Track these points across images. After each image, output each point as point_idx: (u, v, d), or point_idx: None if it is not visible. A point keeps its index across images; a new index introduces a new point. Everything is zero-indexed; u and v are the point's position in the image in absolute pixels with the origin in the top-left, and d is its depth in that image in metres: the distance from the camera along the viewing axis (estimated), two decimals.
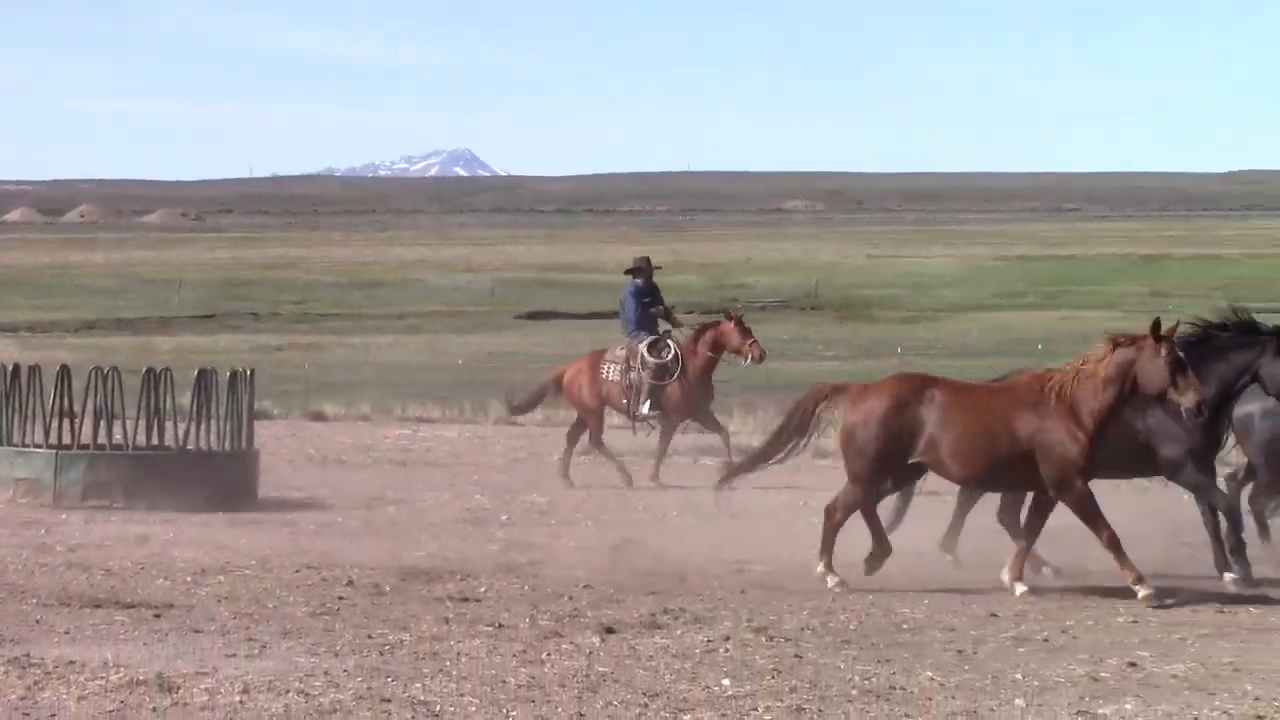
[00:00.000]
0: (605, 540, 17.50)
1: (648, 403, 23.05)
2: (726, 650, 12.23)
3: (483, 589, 14.89)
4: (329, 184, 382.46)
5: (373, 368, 50.34)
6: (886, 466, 15.04)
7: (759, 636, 12.71)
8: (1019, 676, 11.47)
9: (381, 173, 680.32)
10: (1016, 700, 10.84)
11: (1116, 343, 14.59)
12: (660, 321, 23.83)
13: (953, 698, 10.90)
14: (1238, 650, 12.37)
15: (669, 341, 23.31)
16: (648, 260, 24.46)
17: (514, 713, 10.50)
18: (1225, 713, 10.57)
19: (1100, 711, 10.58)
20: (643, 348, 23.14)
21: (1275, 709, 10.64)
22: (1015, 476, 14.93)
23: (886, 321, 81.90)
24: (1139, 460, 15.53)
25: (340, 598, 14.34)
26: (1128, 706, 10.68)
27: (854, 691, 11.03)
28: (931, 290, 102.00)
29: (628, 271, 24.47)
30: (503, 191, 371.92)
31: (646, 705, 10.66)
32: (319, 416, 31.20)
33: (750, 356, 23.21)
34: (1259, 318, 15.97)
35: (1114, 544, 14.51)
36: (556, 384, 24.17)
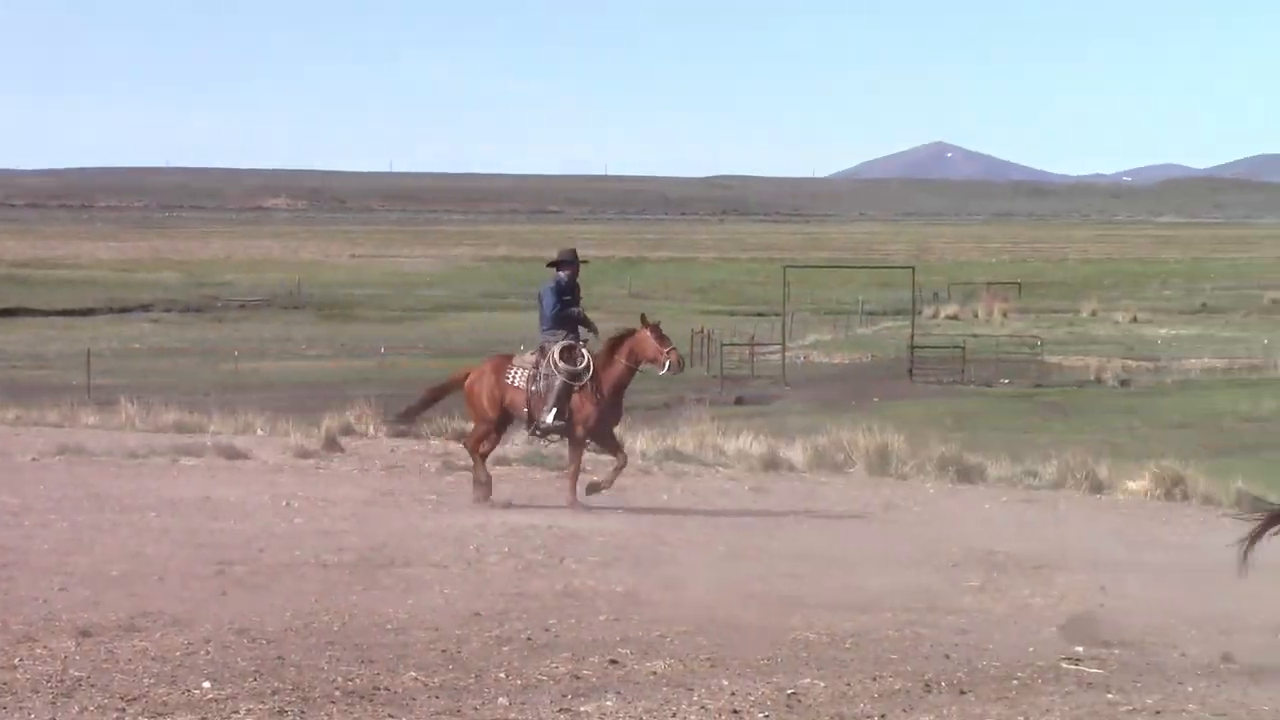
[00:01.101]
0: (80, 541, 17.01)
1: (554, 411, 20.72)
2: (207, 653, 12.01)
3: None
4: None
5: None
6: None
7: (240, 638, 12.50)
8: (502, 675, 11.54)
9: None
10: (500, 699, 10.91)
11: None
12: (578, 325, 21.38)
13: (436, 697, 10.91)
14: (715, 647, 12.67)
15: (583, 350, 20.99)
16: (574, 253, 22.00)
17: None
18: (703, 708, 10.82)
19: (582, 709, 10.72)
20: (555, 352, 20.85)
21: (751, 703, 10.94)
22: None
23: (369, 320, 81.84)
24: None
25: None
26: (609, 704, 10.84)
27: (337, 693, 10.95)
28: (415, 290, 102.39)
29: (551, 264, 21.93)
30: None
31: (124, 710, 10.39)
32: None
33: (668, 364, 20.95)
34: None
35: None
36: (454, 386, 21.83)
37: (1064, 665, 12.29)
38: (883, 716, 10.76)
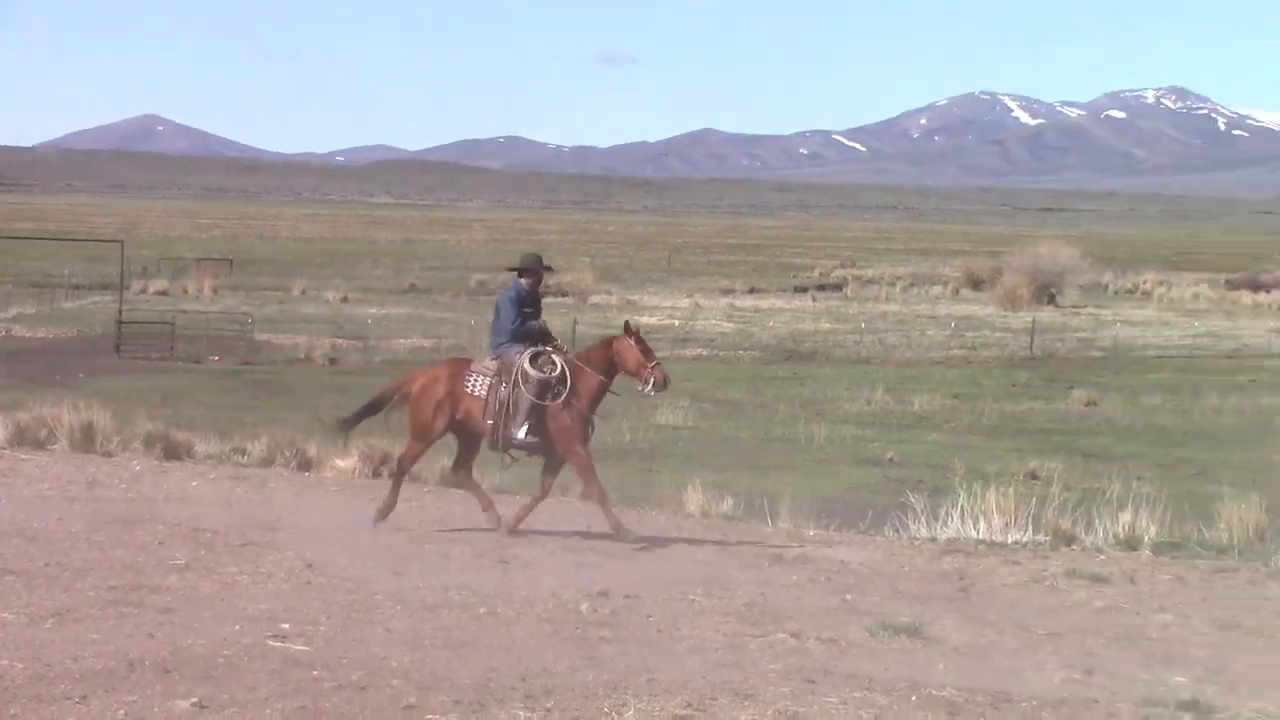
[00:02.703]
0: None
1: (525, 426, 18.46)
2: None
3: None
4: None
5: None
6: None
7: None
8: None
9: None
10: None
11: None
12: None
13: None
14: None
15: (554, 356, 18.74)
16: (539, 259, 19.55)
17: None
18: None
19: None
20: (524, 360, 18.58)
21: None
22: None
23: None
24: None
25: None
26: None
27: None
28: None
29: (512, 269, 19.58)
30: None
31: None
32: None
33: (652, 381, 18.59)
34: None
35: None
36: (401, 394, 19.41)
37: (270, 643, 12.33)
38: (84, 697, 10.55)
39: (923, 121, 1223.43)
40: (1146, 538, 20.24)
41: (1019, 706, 11.67)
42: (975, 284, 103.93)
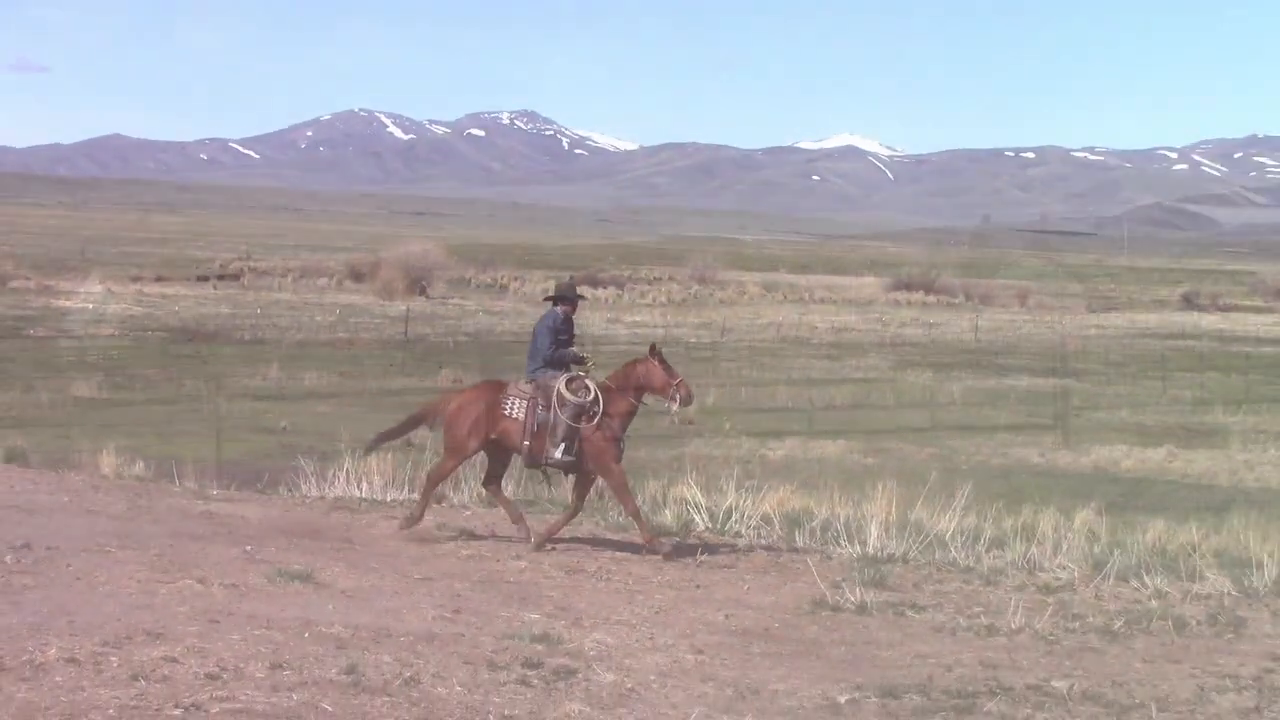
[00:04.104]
0: None
1: (562, 446, 17.16)
2: None
3: None
4: None
5: None
6: None
7: None
8: None
9: None
10: None
11: None
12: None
13: None
14: None
15: (587, 381, 17.38)
16: (574, 288, 18.34)
17: None
18: None
19: None
20: (561, 384, 17.24)
21: None
22: None
23: None
24: None
25: None
26: None
27: None
28: None
29: (549, 298, 18.18)
30: None
31: None
32: None
33: (678, 399, 17.29)
34: None
35: None
36: (432, 413, 17.98)
37: None
38: None
39: (309, 133, 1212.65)
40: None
41: (398, 640, 11.83)
42: (357, 277, 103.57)
